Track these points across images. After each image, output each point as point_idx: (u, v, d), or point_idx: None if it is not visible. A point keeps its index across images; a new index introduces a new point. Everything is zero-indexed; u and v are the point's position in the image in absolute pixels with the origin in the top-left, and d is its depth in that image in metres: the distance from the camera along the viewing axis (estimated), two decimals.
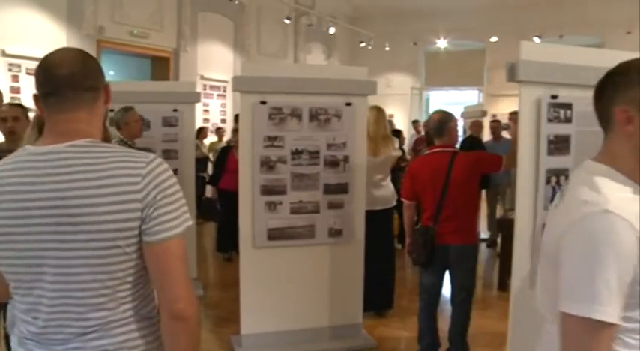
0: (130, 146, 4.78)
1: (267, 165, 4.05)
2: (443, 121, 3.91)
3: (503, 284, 5.75)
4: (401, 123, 13.81)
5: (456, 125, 4.00)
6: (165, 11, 9.86)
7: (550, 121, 2.72)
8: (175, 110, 5.52)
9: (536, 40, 12.53)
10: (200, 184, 7.76)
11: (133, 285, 1.45)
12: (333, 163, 4.19)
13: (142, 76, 10.33)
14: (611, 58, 3.00)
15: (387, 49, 14.27)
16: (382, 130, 5.00)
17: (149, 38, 9.56)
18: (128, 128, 4.63)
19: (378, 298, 4.99)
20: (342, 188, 4.24)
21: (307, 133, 4.11)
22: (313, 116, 4.11)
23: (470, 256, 3.90)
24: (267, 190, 4.07)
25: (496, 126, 8.37)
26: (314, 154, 4.13)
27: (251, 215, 4.07)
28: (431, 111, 15.32)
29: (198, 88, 9.21)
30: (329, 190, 4.19)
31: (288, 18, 12.02)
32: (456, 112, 9.01)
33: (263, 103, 4.01)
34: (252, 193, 4.05)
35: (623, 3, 12.17)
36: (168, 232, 1.40)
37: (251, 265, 4.12)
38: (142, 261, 1.43)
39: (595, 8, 12.48)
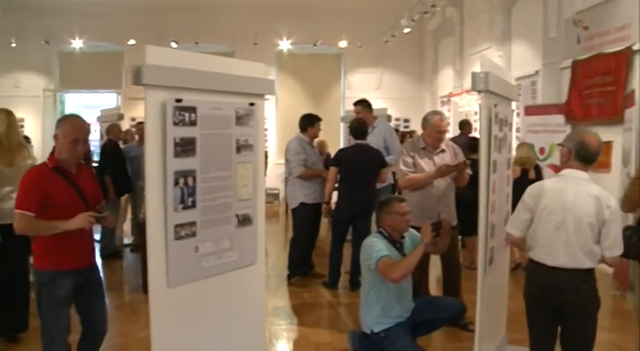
0: None
1: None
2: None
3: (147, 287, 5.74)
4: (32, 128, 12.79)
5: None
6: None
7: (176, 124, 2.77)
8: None
9: (174, 45, 12.89)
10: None
11: None
12: None
13: None
14: (232, 66, 3.23)
15: (14, 45, 13.03)
16: (16, 136, 4.56)
17: None
18: None
19: (10, 320, 4.53)
20: None
21: None
22: None
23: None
24: None
25: (142, 127, 8.36)
26: None
27: None
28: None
29: None
30: None
31: None
32: (93, 115, 8.78)
33: None
34: None
35: (251, 17, 13.34)
36: None
37: None
38: None
39: (227, 20, 13.40)
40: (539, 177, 6.93)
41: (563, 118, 7.91)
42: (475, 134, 8.45)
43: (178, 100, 2.78)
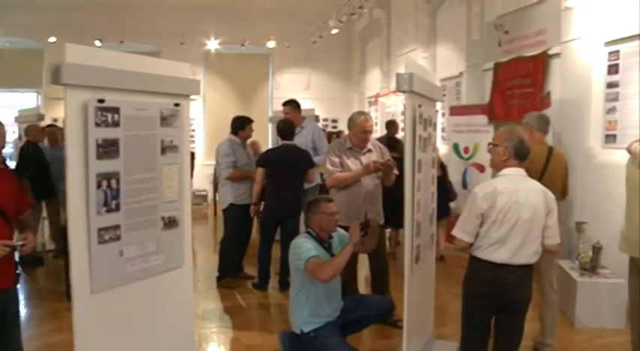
0: None
1: None
2: None
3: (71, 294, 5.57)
4: None
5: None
6: None
7: (98, 125, 2.69)
8: None
9: (98, 43, 12.54)
10: None
11: None
12: None
13: None
14: (156, 66, 3.17)
15: None
16: None
17: None
18: None
19: None
20: None
21: None
22: None
23: None
24: None
25: (54, 131, 8.12)
26: None
27: None
28: None
29: None
30: None
31: None
32: (11, 116, 8.43)
33: None
34: None
35: (178, 16, 13.14)
36: None
37: None
38: None
39: (153, 18, 13.16)
40: (445, 174, 7.60)
41: (486, 118, 8.16)
42: (402, 134, 8.61)
43: (101, 101, 2.71)
